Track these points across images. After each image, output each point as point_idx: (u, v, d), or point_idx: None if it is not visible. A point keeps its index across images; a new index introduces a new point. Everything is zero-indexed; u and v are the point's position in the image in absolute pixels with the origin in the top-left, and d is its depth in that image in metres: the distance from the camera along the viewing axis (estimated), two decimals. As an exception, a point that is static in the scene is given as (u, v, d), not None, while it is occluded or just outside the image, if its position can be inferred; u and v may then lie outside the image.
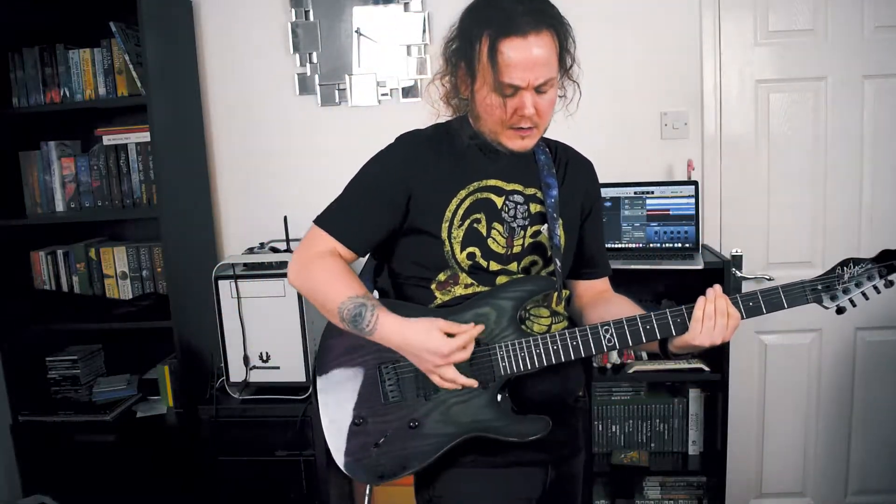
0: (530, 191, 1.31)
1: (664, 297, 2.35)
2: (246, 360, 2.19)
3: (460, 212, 1.26)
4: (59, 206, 2.39)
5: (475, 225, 1.26)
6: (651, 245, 2.26)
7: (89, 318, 2.35)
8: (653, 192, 2.26)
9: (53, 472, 2.35)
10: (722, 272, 2.09)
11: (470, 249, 1.26)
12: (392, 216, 1.27)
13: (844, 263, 1.18)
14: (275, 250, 2.27)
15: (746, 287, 2.39)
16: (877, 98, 2.35)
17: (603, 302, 1.40)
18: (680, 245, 2.24)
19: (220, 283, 2.17)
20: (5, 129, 2.33)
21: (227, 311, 2.18)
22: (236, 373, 2.21)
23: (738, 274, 2.36)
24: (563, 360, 1.23)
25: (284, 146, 2.55)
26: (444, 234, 1.25)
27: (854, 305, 1.17)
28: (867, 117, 2.36)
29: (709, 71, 2.38)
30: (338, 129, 2.52)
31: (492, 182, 1.28)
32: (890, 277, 1.16)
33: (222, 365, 2.23)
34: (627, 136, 2.43)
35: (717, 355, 2.15)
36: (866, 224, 2.40)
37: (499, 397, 1.23)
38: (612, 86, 2.41)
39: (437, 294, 1.28)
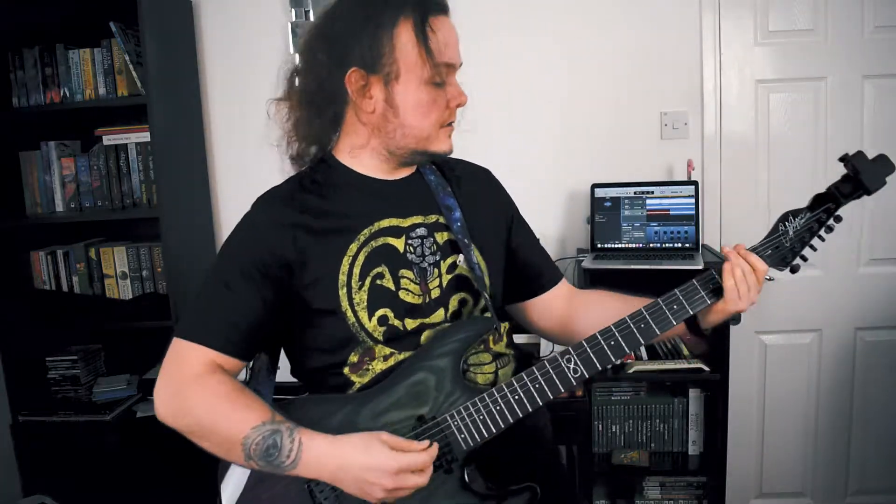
0: (431, 218, 1.08)
1: (664, 297, 2.35)
2: (246, 360, 2.18)
3: (356, 271, 1.01)
4: (59, 206, 2.39)
5: (378, 282, 1.02)
6: (651, 245, 2.26)
7: (89, 318, 2.35)
8: (653, 192, 2.26)
9: (53, 472, 2.35)
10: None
11: (380, 313, 1.01)
12: (272, 296, 1.01)
13: (783, 219, 1.09)
14: (275, 250, 2.27)
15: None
16: (877, 98, 2.35)
17: (582, 307, 1.21)
18: (680, 245, 2.24)
19: (220, 283, 2.16)
20: (5, 129, 2.33)
21: (227, 311, 2.17)
22: (236, 373, 2.20)
23: (738, 274, 2.36)
24: (529, 409, 1.00)
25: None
26: (345, 304, 1.01)
27: (805, 260, 1.10)
28: (867, 117, 2.36)
29: (709, 71, 2.38)
30: (338, 129, 2.52)
31: (385, 223, 1.05)
32: (829, 223, 1.07)
33: (222, 365, 2.22)
34: (627, 136, 2.42)
35: (718, 355, 2.15)
36: (867, 224, 2.39)
37: (466, 477, 1.00)
38: (612, 86, 2.41)
39: (354, 378, 1.04)
